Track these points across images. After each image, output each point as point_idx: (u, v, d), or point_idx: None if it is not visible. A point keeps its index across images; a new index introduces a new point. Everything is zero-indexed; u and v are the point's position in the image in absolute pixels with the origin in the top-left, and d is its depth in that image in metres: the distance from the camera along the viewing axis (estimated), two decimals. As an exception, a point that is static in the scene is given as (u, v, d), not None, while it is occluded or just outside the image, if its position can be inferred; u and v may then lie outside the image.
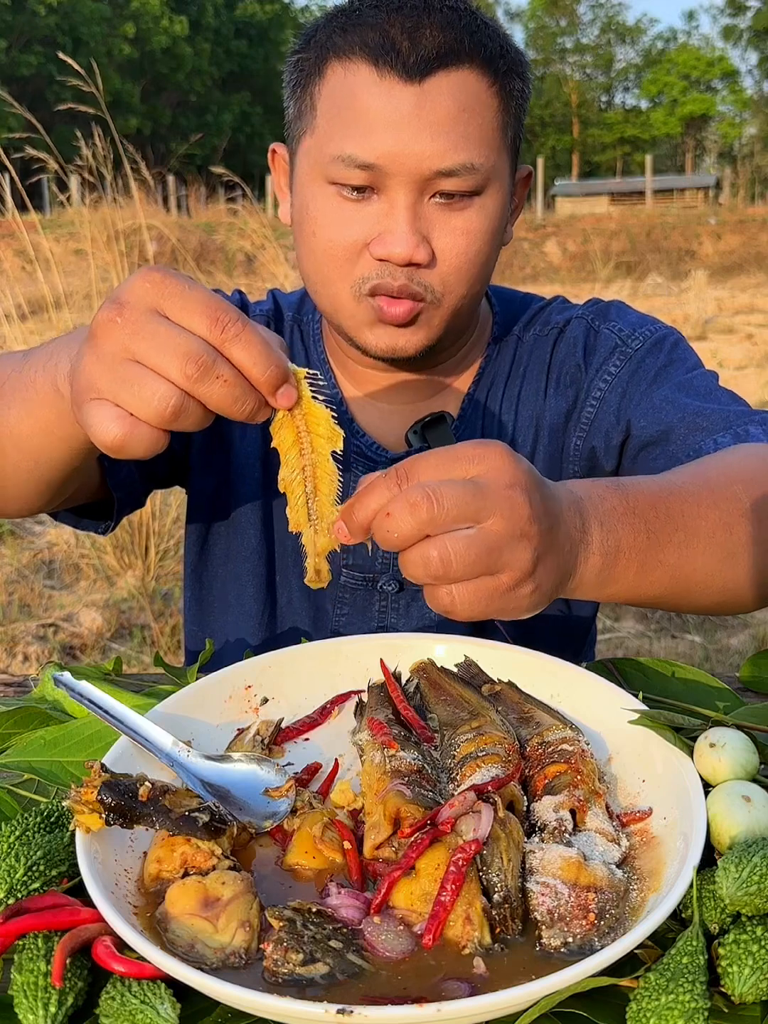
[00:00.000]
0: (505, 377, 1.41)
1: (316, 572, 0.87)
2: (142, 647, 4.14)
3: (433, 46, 1.11)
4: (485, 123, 1.16)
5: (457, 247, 1.18)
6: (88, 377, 0.80)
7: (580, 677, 1.00)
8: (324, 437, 0.85)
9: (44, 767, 0.95)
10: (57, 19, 39.56)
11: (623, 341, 1.34)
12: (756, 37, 58.25)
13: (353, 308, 1.23)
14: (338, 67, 1.16)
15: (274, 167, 1.35)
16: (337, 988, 0.66)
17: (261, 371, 0.79)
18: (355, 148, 1.14)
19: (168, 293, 0.78)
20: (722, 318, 12.29)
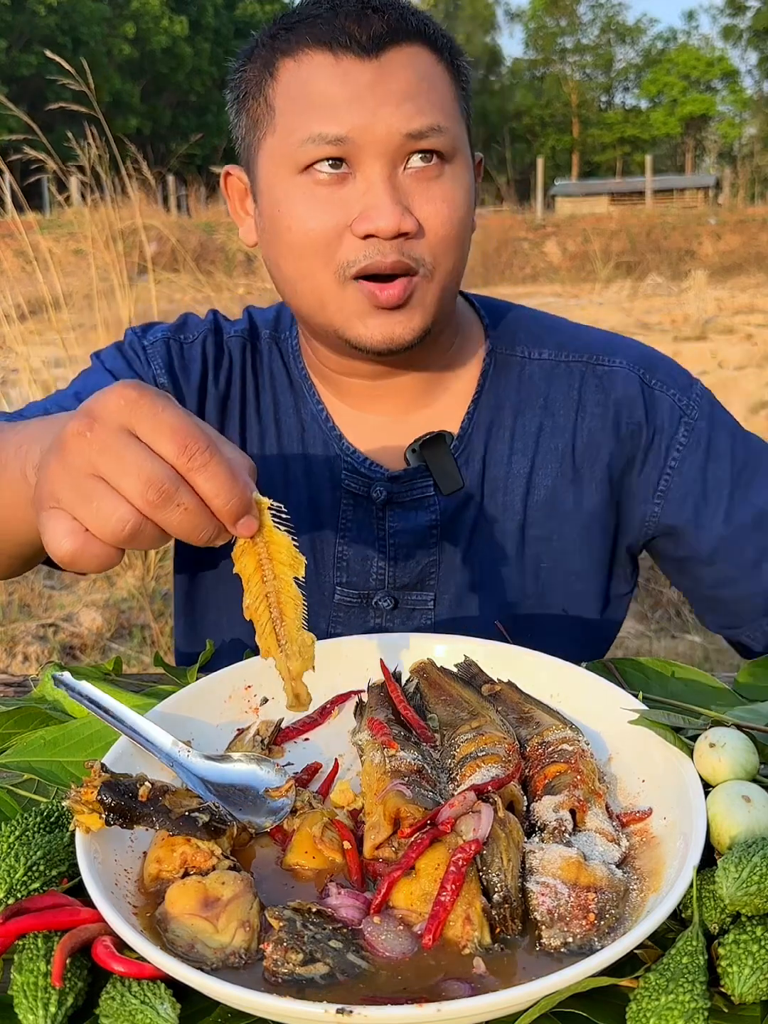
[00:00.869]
0: (515, 401, 1.36)
1: (295, 696, 0.87)
2: (142, 647, 4.14)
3: (381, 25, 1.14)
4: (442, 93, 1.18)
5: (441, 214, 1.17)
6: (51, 485, 0.80)
7: (580, 677, 1.00)
8: (286, 564, 0.85)
9: (44, 767, 0.95)
10: (57, 19, 39.54)
11: (683, 411, 1.34)
12: (756, 37, 58.25)
13: (340, 297, 1.19)
14: (291, 63, 1.17)
15: (228, 192, 1.32)
16: (337, 988, 0.66)
17: (224, 502, 0.78)
18: (323, 126, 1.13)
19: (140, 413, 0.76)
20: (722, 318, 12.29)
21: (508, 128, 57.59)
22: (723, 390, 8.44)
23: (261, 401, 1.39)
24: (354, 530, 1.34)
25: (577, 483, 1.34)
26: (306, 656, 0.86)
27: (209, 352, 1.38)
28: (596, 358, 1.36)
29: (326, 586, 1.36)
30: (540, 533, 1.35)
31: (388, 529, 1.33)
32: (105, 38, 41.88)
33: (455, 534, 1.34)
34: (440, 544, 1.34)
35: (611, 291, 15.72)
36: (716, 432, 1.35)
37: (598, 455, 1.34)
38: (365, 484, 1.33)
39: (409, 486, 1.32)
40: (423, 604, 1.35)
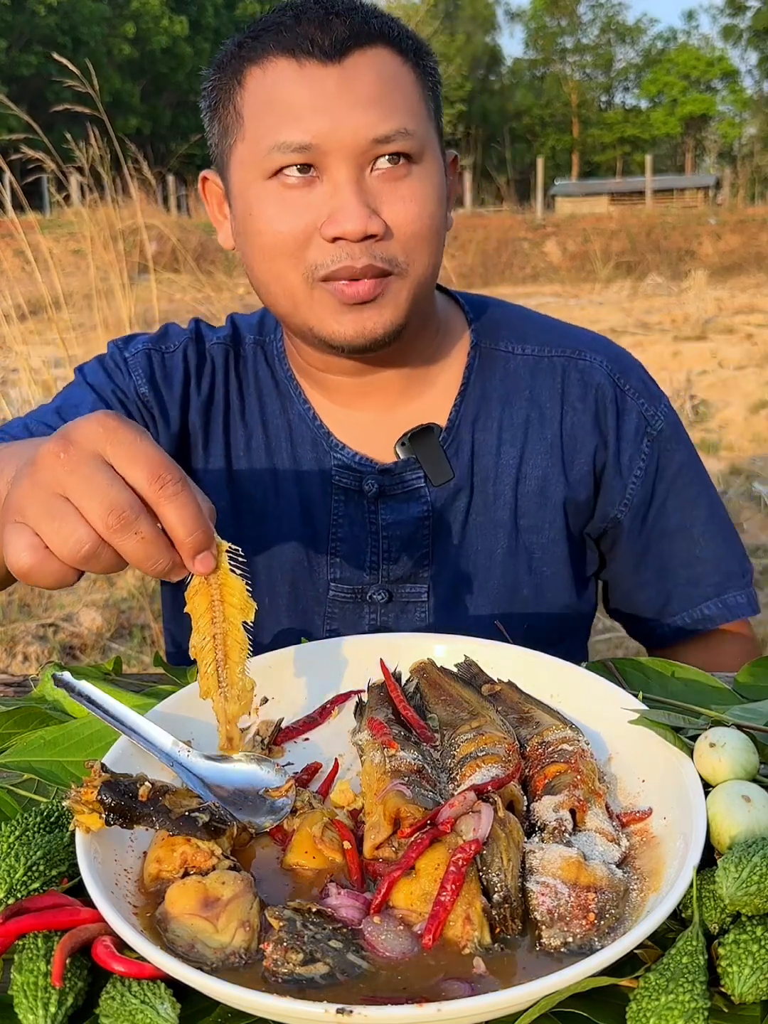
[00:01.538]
0: (502, 393, 1.38)
1: (228, 740, 0.88)
2: (142, 647, 4.14)
3: (344, 29, 1.16)
4: (408, 94, 1.19)
5: (410, 213, 1.18)
6: (19, 500, 0.82)
7: (580, 677, 1.00)
8: (237, 608, 0.86)
9: (44, 767, 0.95)
10: (57, 19, 39.53)
11: (647, 421, 1.39)
12: (756, 37, 58.23)
13: (310, 298, 1.21)
14: (257, 71, 1.19)
15: (206, 197, 1.34)
16: (337, 988, 0.66)
17: (187, 533, 0.79)
18: (290, 134, 1.15)
19: (116, 440, 0.78)
20: (722, 318, 12.28)
21: (508, 128, 57.59)
22: (723, 390, 8.45)
23: (246, 404, 1.40)
24: (346, 526, 1.35)
25: (566, 474, 1.37)
26: (244, 701, 0.87)
27: (191, 359, 1.39)
28: (577, 353, 1.40)
29: (320, 583, 1.37)
30: (532, 523, 1.37)
31: (380, 522, 1.34)
32: (105, 38, 41.87)
33: (447, 525, 1.36)
34: (432, 536, 1.35)
35: (611, 291, 15.71)
36: (676, 448, 1.41)
37: (583, 447, 1.37)
38: (356, 479, 1.34)
39: (400, 478, 1.34)
40: (417, 596, 1.36)
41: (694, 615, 1.43)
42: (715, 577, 1.42)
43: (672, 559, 1.42)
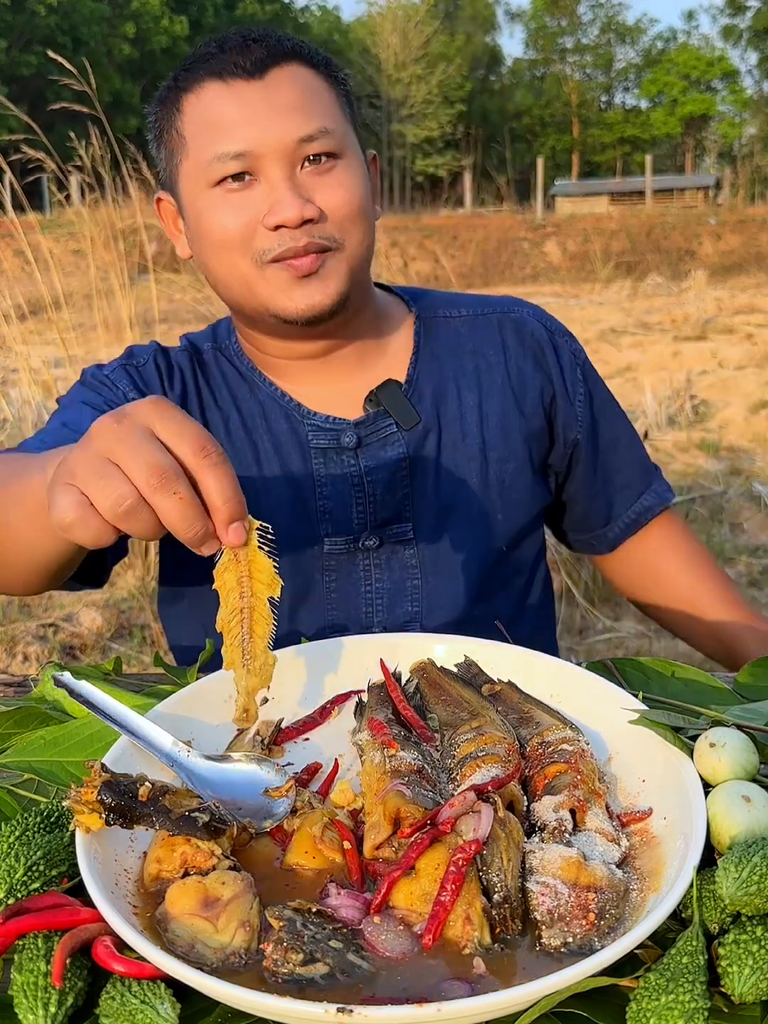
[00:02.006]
0: (449, 349, 1.55)
1: (244, 711, 0.90)
2: (142, 647, 4.14)
3: (261, 51, 1.33)
4: (325, 101, 1.35)
5: (338, 198, 1.34)
6: (72, 465, 0.89)
7: (580, 677, 1.00)
8: (265, 584, 0.89)
9: (44, 767, 0.95)
10: (57, 19, 39.53)
11: (574, 354, 1.60)
12: (756, 37, 58.22)
13: (262, 279, 1.34)
14: (191, 96, 1.35)
15: (162, 216, 1.49)
16: (337, 988, 0.66)
17: (224, 500, 0.85)
18: (225, 145, 1.31)
19: (167, 417, 0.86)
20: (722, 318, 12.27)
21: (508, 128, 57.61)
22: (723, 390, 8.45)
23: (217, 395, 1.52)
24: (329, 484, 1.46)
25: (521, 409, 1.54)
26: (265, 675, 0.89)
27: (161, 366, 1.53)
28: (506, 308, 1.62)
29: (315, 541, 1.48)
30: (498, 455, 1.53)
31: (363, 469, 1.46)
32: (105, 38, 41.87)
33: (423, 464, 1.49)
34: (411, 475, 1.48)
35: (611, 291, 15.71)
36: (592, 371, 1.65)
37: (530, 386, 1.55)
38: (333, 437, 1.46)
39: (374, 427, 1.46)
40: (404, 535, 1.48)
41: (636, 509, 1.64)
42: (640, 473, 1.65)
43: (611, 467, 1.63)
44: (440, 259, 16.17)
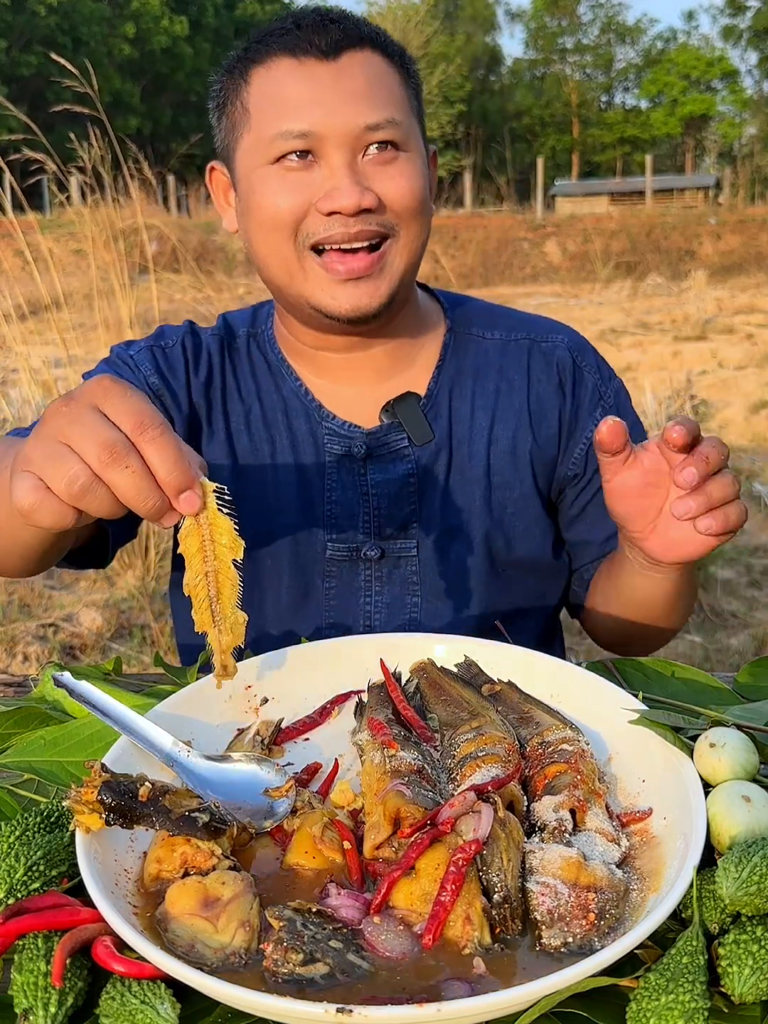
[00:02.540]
0: (474, 368, 1.52)
1: (223, 667, 0.93)
2: (142, 647, 4.14)
3: (338, 33, 1.31)
4: (394, 91, 1.34)
5: (400, 188, 1.32)
6: (27, 451, 0.91)
7: (580, 677, 1.00)
8: (227, 547, 0.91)
9: (44, 767, 0.95)
10: (57, 19, 39.53)
11: (601, 395, 1.54)
12: (756, 37, 58.21)
13: (301, 269, 1.32)
14: (261, 70, 1.33)
15: (212, 185, 1.49)
16: (337, 988, 0.66)
17: (167, 472, 0.86)
18: (291, 123, 1.29)
19: (110, 394, 0.88)
20: (722, 318, 12.28)
21: (508, 128, 57.58)
22: (723, 390, 8.45)
23: (241, 384, 1.52)
24: (339, 489, 1.46)
25: (534, 435, 1.51)
26: (236, 632, 0.92)
27: (188, 350, 1.52)
28: (540, 336, 1.57)
29: (318, 543, 1.47)
30: (503, 480, 1.50)
31: (370, 482, 1.45)
32: (105, 38, 41.86)
33: (431, 483, 1.48)
34: (418, 493, 1.47)
35: (611, 291, 15.71)
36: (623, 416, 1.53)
37: (549, 413, 1.52)
38: (346, 444, 1.46)
39: (385, 440, 1.45)
40: (407, 551, 1.47)
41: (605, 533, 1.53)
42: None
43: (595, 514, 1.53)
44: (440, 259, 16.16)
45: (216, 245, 16.13)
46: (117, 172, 5.32)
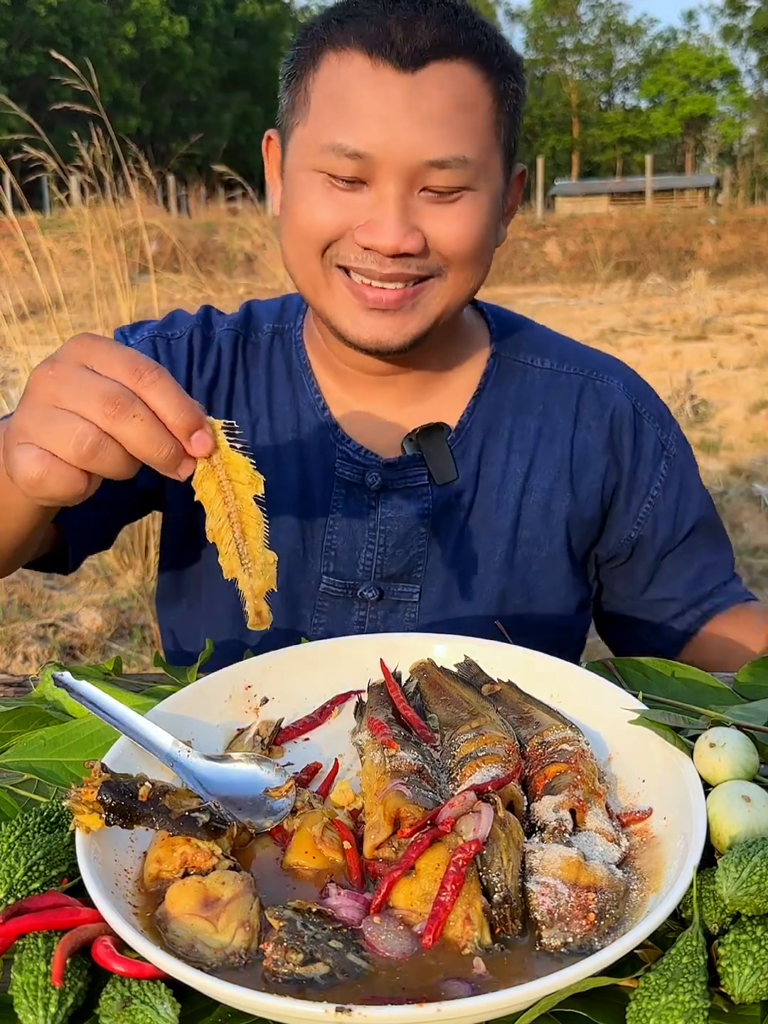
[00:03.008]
0: (515, 403, 1.38)
1: (257, 614, 0.89)
2: (142, 647, 4.14)
3: (428, 38, 1.12)
4: (478, 118, 1.16)
5: (454, 233, 1.17)
6: (19, 425, 0.86)
7: (580, 677, 1.00)
8: (246, 483, 0.87)
9: (44, 767, 0.95)
10: (57, 19, 39.53)
11: (664, 446, 1.41)
12: (756, 37, 58.19)
13: (327, 286, 1.22)
14: (333, 57, 1.16)
15: (268, 156, 1.34)
16: (337, 988, 0.66)
17: (175, 414, 0.83)
18: (346, 137, 1.13)
19: (95, 350, 0.85)
20: (722, 318, 12.28)
21: (508, 128, 57.40)
22: (723, 390, 8.45)
23: (252, 391, 1.40)
24: (344, 519, 1.35)
25: (573, 491, 1.37)
26: (268, 574, 0.88)
27: (196, 345, 1.40)
28: (595, 373, 1.41)
29: (312, 575, 1.37)
30: (532, 535, 1.37)
31: (380, 517, 1.34)
32: (105, 38, 41.86)
33: (446, 527, 1.35)
34: (430, 536, 1.35)
35: (611, 291, 15.70)
36: (689, 471, 1.45)
37: (593, 466, 1.38)
38: (359, 471, 1.34)
39: (403, 474, 1.33)
40: (408, 596, 1.36)
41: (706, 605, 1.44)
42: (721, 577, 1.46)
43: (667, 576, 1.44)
44: (440, 259, 16.10)
45: (216, 245, 16.13)
46: (117, 172, 5.32)
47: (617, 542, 1.41)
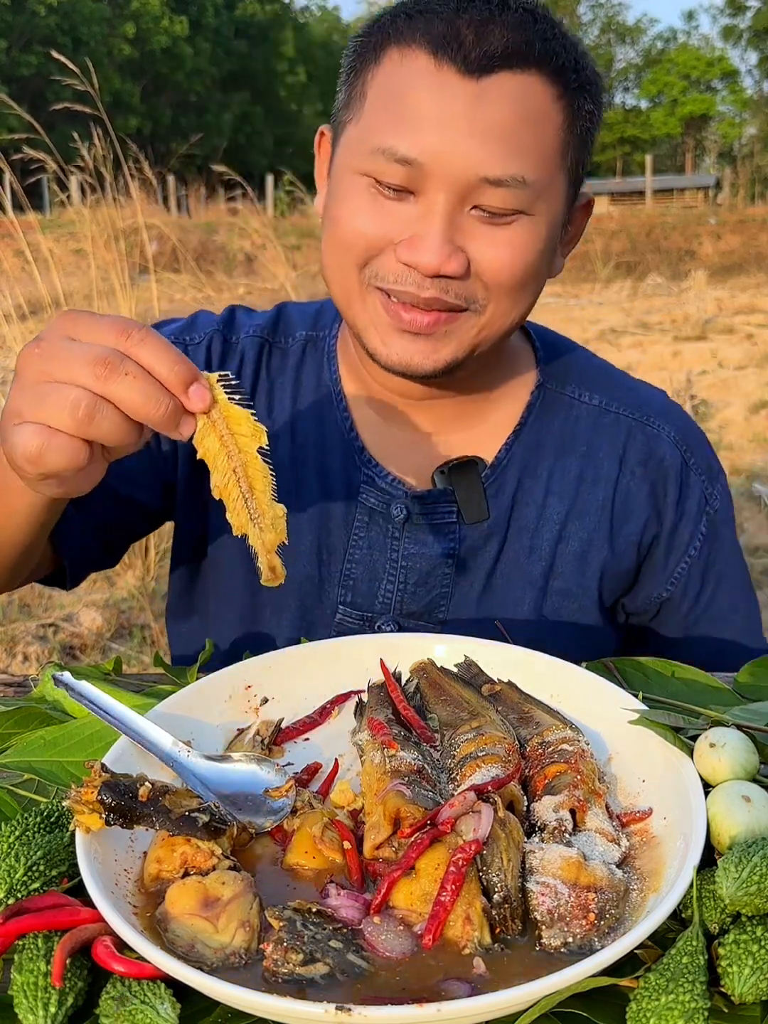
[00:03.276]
0: (558, 442, 1.30)
1: (271, 569, 0.87)
2: (142, 647, 4.13)
3: (499, 43, 1.04)
4: (544, 137, 1.08)
5: (500, 259, 1.09)
6: (12, 407, 0.85)
7: (580, 677, 1.00)
8: (248, 436, 0.85)
9: (44, 767, 0.95)
10: (57, 19, 39.53)
11: (707, 500, 1.33)
12: (756, 37, 58.19)
13: (361, 301, 1.15)
14: (395, 54, 1.08)
15: (319, 151, 1.26)
16: (337, 988, 0.66)
17: (168, 368, 0.82)
18: (398, 141, 1.06)
19: (79, 321, 0.84)
20: (722, 318, 12.28)
21: (508, 128, 57.42)
22: (723, 390, 8.45)
23: (276, 404, 1.33)
24: (365, 548, 1.29)
25: (612, 542, 1.30)
26: (279, 527, 0.86)
27: (215, 352, 1.34)
28: (646, 417, 1.32)
29: (329, 604, 1.31)
30: (564, 586, 1.29)
31: (402, 551, 1.27)
32: (105, 38, 41.86)
33: (472, 569, 1.28)
34: (455, 576, 1.28)
35: (611, 291, 15.69)
36: (726, 528, 1.36)
37: (635, 516, 1.30)
38: (384, 500, 1.27)
39: (431, 508, 1.26)
40: None
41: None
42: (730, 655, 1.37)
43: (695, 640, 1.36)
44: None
45: (216, 245, 16.12)
46: (117, 172, 5.33)
47: (646, 599, 1.34)
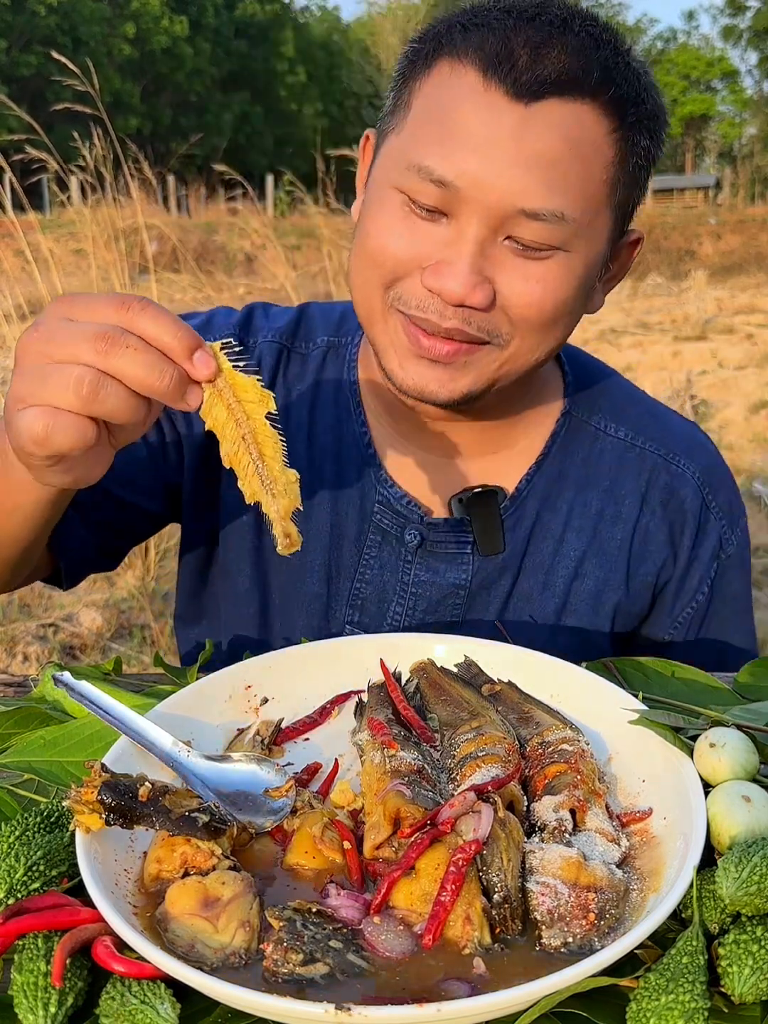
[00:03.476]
0: (580, 476, 1.27)
1: (286, 536, 0.85)
2: (142, 647, 4.14)
3: (554, 68, 0.99)
4: (592, 172, 1.03)
5: (530, 295, 1.05)
6: (14, 393, 0.84)
7: (580, 677, 1.00)
8: (256, 402, 0.84)
9: (44, 767, 0.95)
10: (57, 19, 39.53)
11: (722, 544, 1.30)
12: (756, 37, 58.19)
13: (383, 321, 1.12)
14: (446, 66, 1.04)
15: (362, 155, 1.21)
16: (337, 988, 0.66)
17: (171, 337, 0.81)
18: (436, 162, 1.01)
19: (76, 302, 0.84)
20: (722, 318, 12.28)
21: (508, 128, 57.44)
22: (723, 390, 8.46)
23: (292, 412, 1.29)
24: (376, 568, 1.26)
25: (626, 583, 1.27)
26: (292, 493, 0.85)
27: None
28: (672, 455, 1.29)
29: (336, 624, 1.29)
30: (576, 625, 1.26)
31: (413, 577, 1.25)
32: (105, 38, 41.86)
33: (483, 602, 1.26)
34: (465, 608, 1.26)
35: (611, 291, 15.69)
36: (734, 572, 1.33)
37: (652, 558, 1.28)
38: (399, 523, 1.24)
39: (446, 537, 1.24)
40: None
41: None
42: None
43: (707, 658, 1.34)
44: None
45: (216, 245, 16.12)
46: (117, 172, 5.33)
47: (646, 640, 1.32)
